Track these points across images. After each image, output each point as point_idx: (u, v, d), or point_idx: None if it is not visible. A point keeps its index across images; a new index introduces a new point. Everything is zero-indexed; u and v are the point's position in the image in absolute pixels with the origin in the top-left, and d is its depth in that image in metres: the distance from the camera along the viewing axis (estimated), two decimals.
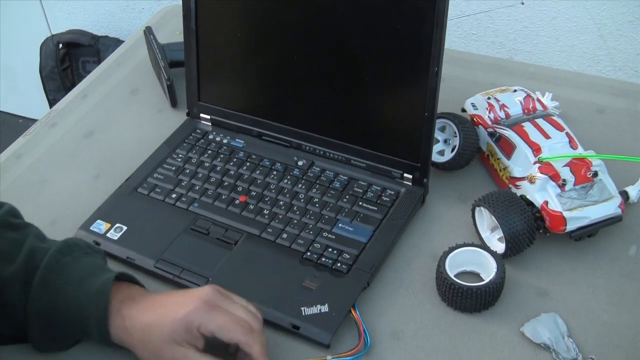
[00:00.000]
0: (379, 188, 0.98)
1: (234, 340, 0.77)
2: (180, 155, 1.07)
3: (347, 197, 0.98)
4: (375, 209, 0.96)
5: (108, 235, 0.97)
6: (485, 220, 0.93)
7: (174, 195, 1.01)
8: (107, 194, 1.03)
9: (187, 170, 1.04)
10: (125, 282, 0.84)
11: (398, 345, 0.84)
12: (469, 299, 0.85)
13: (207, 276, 0.90)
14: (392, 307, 0.88)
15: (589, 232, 0.91)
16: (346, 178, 1.00)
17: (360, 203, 0.97)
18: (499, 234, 0.90)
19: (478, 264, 0.89)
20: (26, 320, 0.80)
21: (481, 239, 0.94)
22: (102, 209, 1.01)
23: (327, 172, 1.01)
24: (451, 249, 0.89)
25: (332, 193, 0.98)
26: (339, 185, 0.99)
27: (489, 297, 0.85)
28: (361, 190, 0.98)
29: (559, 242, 0.93)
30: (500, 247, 0.91)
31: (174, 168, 1.05)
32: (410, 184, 0.98)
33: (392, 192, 0.98)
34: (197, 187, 1.01)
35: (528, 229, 0.89)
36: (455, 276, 0.86)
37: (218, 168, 1.04)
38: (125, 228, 0.97)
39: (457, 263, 0.88)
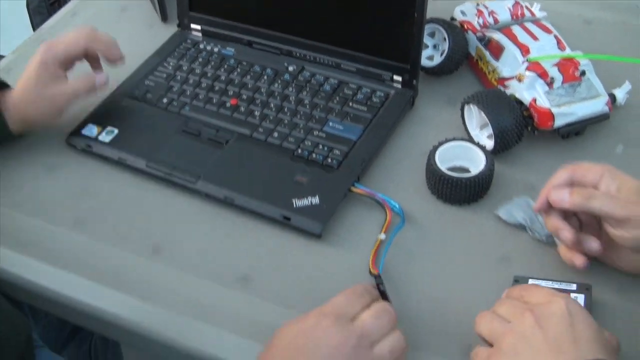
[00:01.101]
0: (368, 90, 0.99)
1: None
2: (171, 64, 1.07)
3: (337, 98, 0.98)
4: (365, 109, 0.97)
5: (99, 138, 0.97)
6: (474, 118, 0.94)
7: (165, 100, 1.01)
8: (97, 102, 1.03)
9: (178, 77, 1.04)
10: None
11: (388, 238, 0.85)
12: (459, 191, 0.86)
13: (198, 173, 0.91)
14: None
15: (577, 129, 0.93)
16: (336, 81, 1.01)
17: (350, 104, 0.98)
18: (488, 131, 0.92)
19: (468, 159, 0.90)
20: None
21: (470, 137, 0.95)
22: (93, 113, 1.01)
23: (318, 76, 1.02)
24: (441, 143, 0.90)
25: (322, 95, 0.99)
26: (329, 88, 1.00)
27: (477, 188, 0.87)
28: (351, 93, 0.99)
29: (547, 140, 0.94)
30: (489, 144, 0.92)
31: (165, 75, 1.05)
32: (400, 86, 0.99)
33: (382, 94, 0.98)
34: (188, 92, 1.02)
35: (516, 124, 0.90)
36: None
37: (209, 74, 1.04)
38: (116, 131, 0.98)
39: (447, 158, 0.89)
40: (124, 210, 0.91)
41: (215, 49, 1.08)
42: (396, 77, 0.99)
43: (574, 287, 0.75)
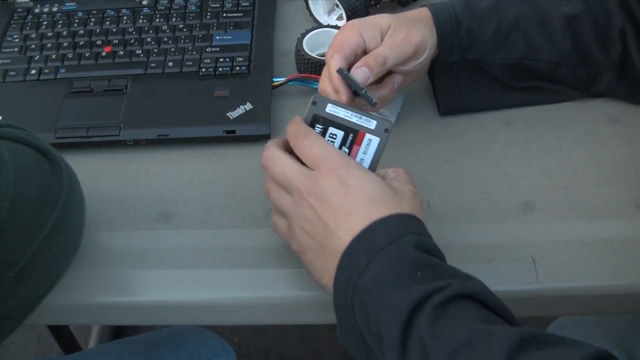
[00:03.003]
0: None
1: None
2: (15, 37, 0.99)
3: (209, 14, 0.99)
4: (241, 14, 0.99)
5: None
6: (320, 6, 1.00)
7: (33, 72, 0.95)
8: None
9: (33, 46, 0.98)
10: None
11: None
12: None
13: (117, 124, 0.88)
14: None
15: None
16: (198, 0, 1.01)
17: (224, 15, 0.99)
18: (337, 14, 0.99)
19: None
20: None
21: (320, 24, 0.99)
22: None
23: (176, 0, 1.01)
24: (303, 35, 0.93)
25: (192, 16, 0.99)
26: (194, 8, 1.00)
27: None
28: (218, 5, 1.00)
29: (391, 10, 0.99)
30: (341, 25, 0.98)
31: (16, 49, 0.98)
32: None
33: None
34: (54, 56, 0.96)
35: (364, 0, 0.97)
36: None
37: (64, 33, 0.99)
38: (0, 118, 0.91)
39: (314, 46, 0.93)
40: None
41: (55, 8, 1.03)
42: None
43: (372, 125, 0.69)
